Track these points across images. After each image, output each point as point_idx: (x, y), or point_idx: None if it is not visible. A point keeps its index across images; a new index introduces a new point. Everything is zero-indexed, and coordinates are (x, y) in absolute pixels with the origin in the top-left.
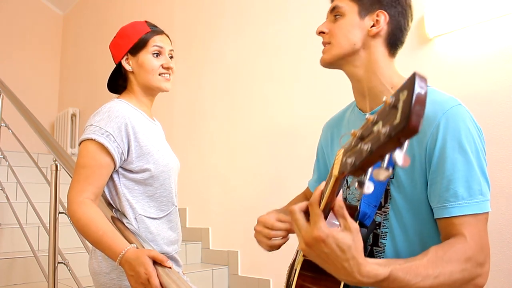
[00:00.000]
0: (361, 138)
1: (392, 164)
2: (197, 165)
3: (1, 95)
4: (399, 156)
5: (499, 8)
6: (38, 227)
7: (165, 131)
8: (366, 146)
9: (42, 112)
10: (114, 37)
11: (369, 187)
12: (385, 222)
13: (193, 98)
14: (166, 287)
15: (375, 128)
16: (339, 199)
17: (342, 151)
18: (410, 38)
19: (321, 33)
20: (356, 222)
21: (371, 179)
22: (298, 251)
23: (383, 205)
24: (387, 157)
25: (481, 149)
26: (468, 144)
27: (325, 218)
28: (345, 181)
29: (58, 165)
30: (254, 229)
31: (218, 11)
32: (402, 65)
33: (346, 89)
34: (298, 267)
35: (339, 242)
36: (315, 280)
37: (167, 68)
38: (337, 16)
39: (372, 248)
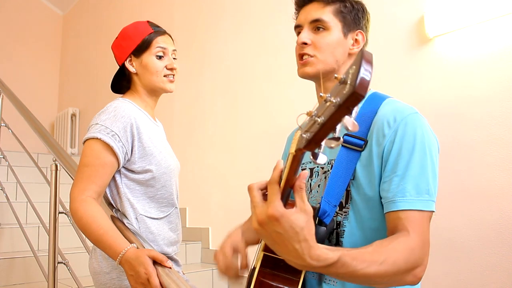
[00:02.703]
0: (316, 115)
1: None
2: (197, 165)
3: (1, 95)
4: (349, 121)
5: (499, 8)
6: (38, 227)
7: (166, 131)
8: (319, 119)
9: (42, 112)
10: (116, 38)
11: (321, 158)
12: (344, 221)
13: (193, 98)
14: (166, 287)
15: (327, 103)
16: (301, 179)
17: (298, 131)
18: (410, 38)
19: (304, 44)
20: (316, 219)
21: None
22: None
23: (344, 205)
24: (338, 127)
25: (435, 153)
26: (422, 148)
27: (282, 199)
28: (309, 186)
29: (58, 165)
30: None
31: (218, 11)
32: (402, 65)
33: None
34: (258, 264)
35: (293, 223)
36: (274, 276)
37: (171, 69)
38: (320, 29)
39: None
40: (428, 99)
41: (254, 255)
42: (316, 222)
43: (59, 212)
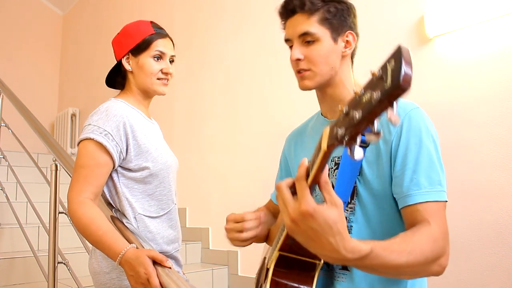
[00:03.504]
0: (349, 111)
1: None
2: (197, 165)
3: (1, 95)
4: (393, 115)
5: (499, 8)
6: (38, 227)
7: (165, 131)
8: (356, 114)
9: (42, 112)
10: (118, 34)
11: (358, 153)
12: (351, 217)
13: (193, 98)
14: (166, 287)
15: (364, 98)
16: (324, 174)
17: (329, 127)
18: (410, 38)
19: (297, 60)
20: None
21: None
22: (265, 257)
23: (350, 201)
24: (376, 121)
25: (438, 145)
26: (428, 141)
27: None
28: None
29: (58, 165)
30: (225, 229)
31: (218, 11)
32: None
33: None
34: (272, 264)
35: (326, 217)
36: (289, 275)
37: (166, 74)
38: (310, 42)
39: None
40: (428, 99)
41: (262, 254)
42: None
43: (59, 212)
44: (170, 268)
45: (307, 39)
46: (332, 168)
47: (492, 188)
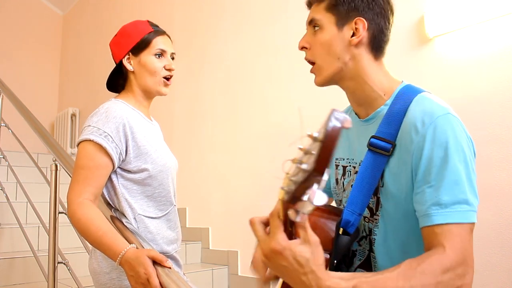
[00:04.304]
0: (293, 174)
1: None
2: (197, 165)
3: (1, 95)
4: (312, 194)
5: (499, 8)
6: (38, 227)
7: (165, 131)
8: (296, 178)
9: (42, 112)
10: (115, 35)
11: (302, 217)
12: (375, 229)
13: (193, 98)
14: (166, 287)
15: (304, 159)
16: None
17: (287, 175)
18: (410, 38)
19: (303, 48)
20: (339, 229)
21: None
22: None
23: (374, 212)
24: (310, 190)
25: (470, 159)
26: (456, 154)
27: (285, 230)
28: (342, 184)
29: (58, 165)
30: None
31: (218, 11)
32: (402, 65)
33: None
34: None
35: (297, 255)
36: None
37: (169, 70)
38: (316, 28)
39: (369, 254)
40: None
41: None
42: (341, 232)
43: (59, 212)
44: (170, 268)
45: (314, 26)
46: (345, 177)
47: (492, 188)
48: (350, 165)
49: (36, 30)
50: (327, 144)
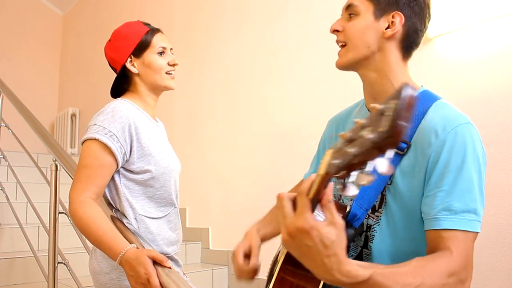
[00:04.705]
0: (349, 141)
1: (375, 171)
2: (197, 165)
3: (1, 95)
4: (381, 163)
5: (499, 8)
6: (38, 227)
7: (165, 131)
8: (352, 150)
9: (42, 112)
10: (109, 41)
11: (350, 190)
12: (375, 226)
13: (193, 98)
14: (166, 287)
15: (363, 133)
16: (328, 193)
17: (330, 151)
18: None
19: (335, 31)
20: (344, 222)
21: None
22: (277, 252)
23: (377, 209)
24: (370, 162)
25: (483, 170)
26: (472, 163)
27: (312, 211)
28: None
29: (58, 165)
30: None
31: (217, 11)
32: None
33: (346, 89)
34: (281, 259)
35: (323, 236)
36: (296, 274)
37: (173, 65)
38: (352, 15)
39: (362, 250)
40: None
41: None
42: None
43: (59, 212)
44: (170, 268)
45: (350, 11)
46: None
47: (492, 188)
48: None
49: (36, 30)
50: (405, 105)
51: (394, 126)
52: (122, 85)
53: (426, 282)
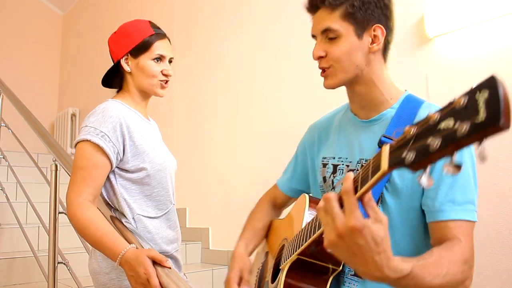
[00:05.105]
0: (420, 135)
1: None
2: (197, 165)
3: (1, 95)
4: (482, 151)
5: (499, 8)
6: (38, 227)
7: (165, 131)
8: (434, 142)
9: (42, 112)
10: (115, 33)
11: (430, 181)
12: None
13: (193, 98)
14: (166, 287)
15: (444, 125)
16: (370, 192)
17: (388, 146)
18: (410, 38)
19: (319, 58)
20: None
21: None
22: (262, 264)
23: None
24: (456, 154)
25: (475, 165)
26: (468, 157)
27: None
28: (330, 182)
29: (58, 165)
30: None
31: (218, 11)
32: (402, 65)
33: (346, 89)
34: (286, 266)
35: (374, 234)
36: (304, 278)
37: (167, 75)
38: (332, 39)
39: None
40: (428, 99)
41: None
42: None
43: (59, 212)
44: (170, 268)
45: (329, 35)
46: (355, 169)
47: (492, 188)
48: (343, 164)
49: (36, 30)
50: (504, 89)
51: (498, 115)
52: (114, 78)
53: (450, 271)
